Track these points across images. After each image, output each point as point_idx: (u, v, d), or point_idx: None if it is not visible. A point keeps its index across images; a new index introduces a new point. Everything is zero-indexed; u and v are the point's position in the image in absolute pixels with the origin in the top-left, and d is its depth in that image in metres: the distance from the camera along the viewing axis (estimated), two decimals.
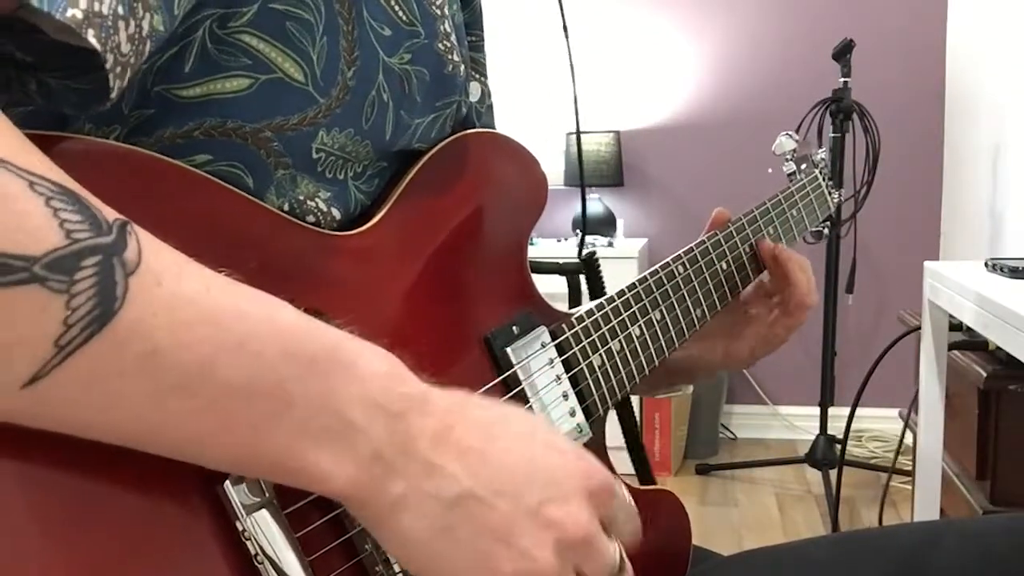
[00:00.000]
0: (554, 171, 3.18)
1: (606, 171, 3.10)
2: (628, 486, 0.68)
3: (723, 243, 0.82)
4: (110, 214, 0.38)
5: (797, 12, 3.11)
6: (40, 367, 0.35)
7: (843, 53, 2.61)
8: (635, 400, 2.83)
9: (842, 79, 2.61)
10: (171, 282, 0.38)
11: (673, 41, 3.21)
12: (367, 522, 0.46)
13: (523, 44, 3.15)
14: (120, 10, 0.41)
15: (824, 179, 0.98)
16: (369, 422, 0.43)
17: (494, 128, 0.77)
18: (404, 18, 0.58)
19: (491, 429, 0.47)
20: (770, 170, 1.00)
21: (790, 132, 0.98)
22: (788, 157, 0.97)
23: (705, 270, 0.80)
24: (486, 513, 0.45)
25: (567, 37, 0.82)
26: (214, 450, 0.41)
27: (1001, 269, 1.42)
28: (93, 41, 0.39)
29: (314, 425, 0.42)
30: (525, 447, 0.47)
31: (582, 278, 2.19)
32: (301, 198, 0.55)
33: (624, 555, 0.50)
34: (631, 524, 0.52)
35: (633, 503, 0.51)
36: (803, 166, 0.97)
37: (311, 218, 0.55)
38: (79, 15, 0.38)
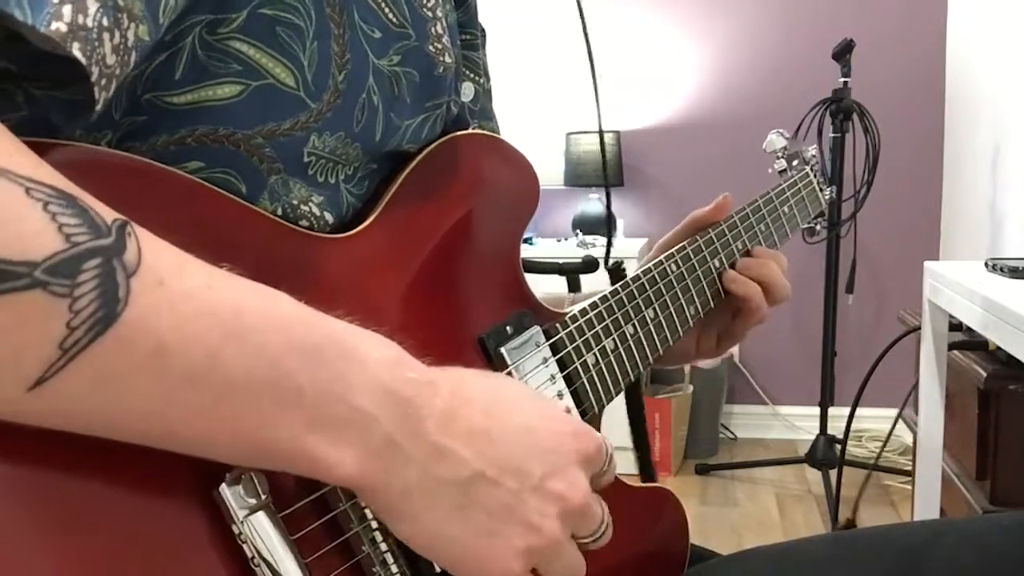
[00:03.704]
0: (554, 171, 3.18)
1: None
2: (624, 484, 0.69)
3: (715, 240, 0.82)
4: (109, 216, 0.38)
5: (797, 12, 3.11)
6: (45, 370, 0.35)
7: (843, 53, 2.61)
8: None
9: (842, 79, 2.61)
10: (173, 279, 0.39)
11: (673, 41, 3.21)
12: (378, 509, 0.46)
13: (523, 44, 3.15)
14: (105, 21, 0.40)
15: (815, 176, 0.98)
16: (379, 408, 0.43)
17: (491, 111, 0.77)
18: (394, 20, 0.58)
19: (490, 406, 0.48)
20: (770, 170, 1.00)
21: (780, 130, 0.98)
22: (779, 155, 0.97)
23: (698, 267, 0.80)
24: (495, 492, 0.46)
25: (587, 39, 0.84)
26: (226, 445, 0.41)
27: (1001, 269, 1.42)
28: (78, 54, 0.39)
29: (324, 415, 0.42)
30: (521, 420, 0.49)
31: (582, 278, 2.19)
32: (295, 202, 0.55)
33: (606, 508, 0.53)
34: (609, 474, 0.54)
35: (611, 453, 0.54)
36: (794, 163, 0.98)
37: (304, 222, 0.55)
38: (63, 28, 0.38)
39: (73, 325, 0.35)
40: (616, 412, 0.83)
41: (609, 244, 0.84)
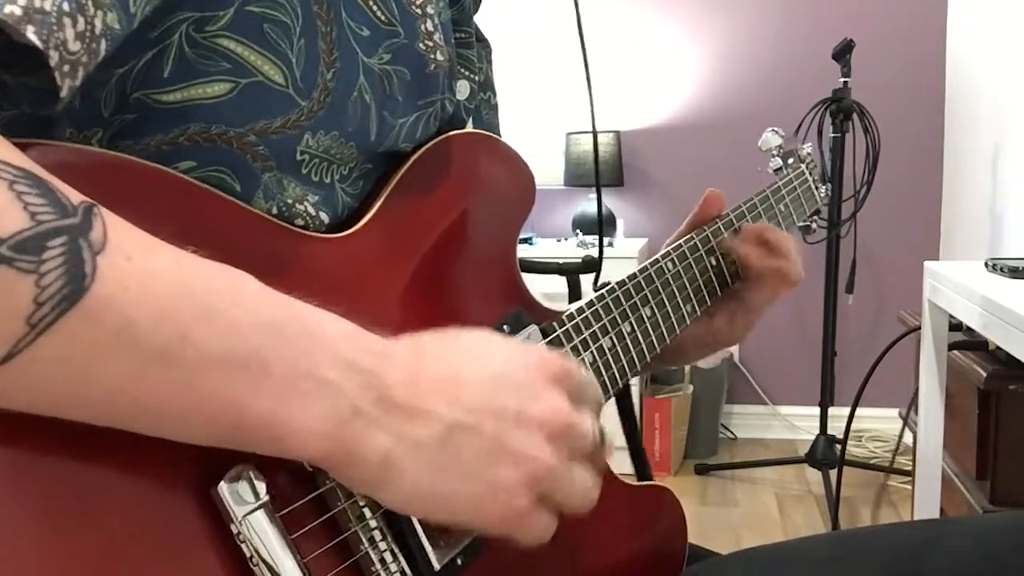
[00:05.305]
0: (554, 171, 3.18)
1: (606, 171, 3.09)
2: (623, 483, 0.69)
3: (711, 239, 0.82)
4: (75, 197, 0.38)
5: (797, 12, 3.11)
6: (13, 345, 0.36)
7: (843, 53, 2.61)
8: (635, 400, 2.83)
9: (842, 79, 2.61)
10: (140, 258, 0.39)
11: (673, 41, 3.20)
12: (362, 483, 0.46)
13: (523, 44, 3.15)
14: (65, 7, 0.40)
15: (810, 173, 0.98)
16: (344, 379, 0.44)
17: (497, 128, 0.76)
18: (382, 18, 0.58)
19: (451, 358, 0.49)
20: (769, 170, 1.00)
21: (775, 128, 0.98)
22: (774, 153, 0.97)
23: (694, 266, 0.80)
24: (474, 438, 0.47)
25: (582, 39, 0.84)
26: (199, 423, 0.41)
27: (1001, 269, 1.42)
28: (33, 38, 0.39)
29: (292, 389, 0.42)
30: (485, 364, 0.50)
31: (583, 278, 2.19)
32: (290, 201, 0.55)
33: (601, 425, 0.53)
34: (594, 393, 0.54)
35: (589, 374, 0.54)
36: (790, 161, 0.97)
37: (300, 221, 0.55)
38: (17, 12, 0.38)
39: (40, 300, 0.36)
40: (607, 414, 0.83)
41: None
